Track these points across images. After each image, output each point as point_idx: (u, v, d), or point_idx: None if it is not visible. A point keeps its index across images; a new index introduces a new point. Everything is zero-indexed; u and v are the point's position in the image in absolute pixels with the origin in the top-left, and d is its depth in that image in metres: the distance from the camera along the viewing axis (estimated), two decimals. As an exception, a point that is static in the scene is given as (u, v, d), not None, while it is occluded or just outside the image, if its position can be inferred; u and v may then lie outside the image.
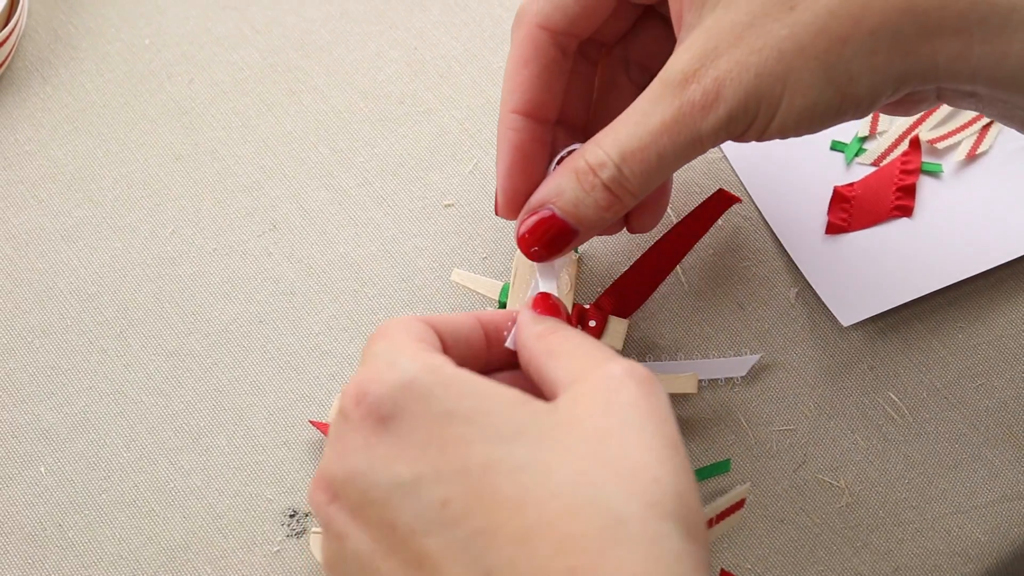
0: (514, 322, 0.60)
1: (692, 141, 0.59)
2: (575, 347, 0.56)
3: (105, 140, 0.73)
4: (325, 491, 0.53)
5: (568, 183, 0.61)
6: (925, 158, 0.72)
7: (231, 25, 0.77)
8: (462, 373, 0.54)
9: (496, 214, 0.65)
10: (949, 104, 0.61)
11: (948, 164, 0.72)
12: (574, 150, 0.63)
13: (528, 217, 0.62)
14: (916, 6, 0.57)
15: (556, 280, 0.64)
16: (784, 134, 0.60)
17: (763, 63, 0.58)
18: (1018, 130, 0.62)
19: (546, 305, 0.61)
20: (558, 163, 0.64)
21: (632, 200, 0.61)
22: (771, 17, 0.58)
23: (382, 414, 0.52)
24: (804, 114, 0.59)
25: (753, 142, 0.61)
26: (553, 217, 0.61)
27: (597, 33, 0.67)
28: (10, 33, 0.74)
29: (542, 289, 0.64)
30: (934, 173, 0.72)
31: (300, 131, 0.74)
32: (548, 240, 0.62)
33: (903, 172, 0.72)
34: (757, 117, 0.59)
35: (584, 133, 0.68)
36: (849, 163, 0.72)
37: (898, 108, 0.62)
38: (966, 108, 0.61)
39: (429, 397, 0.53)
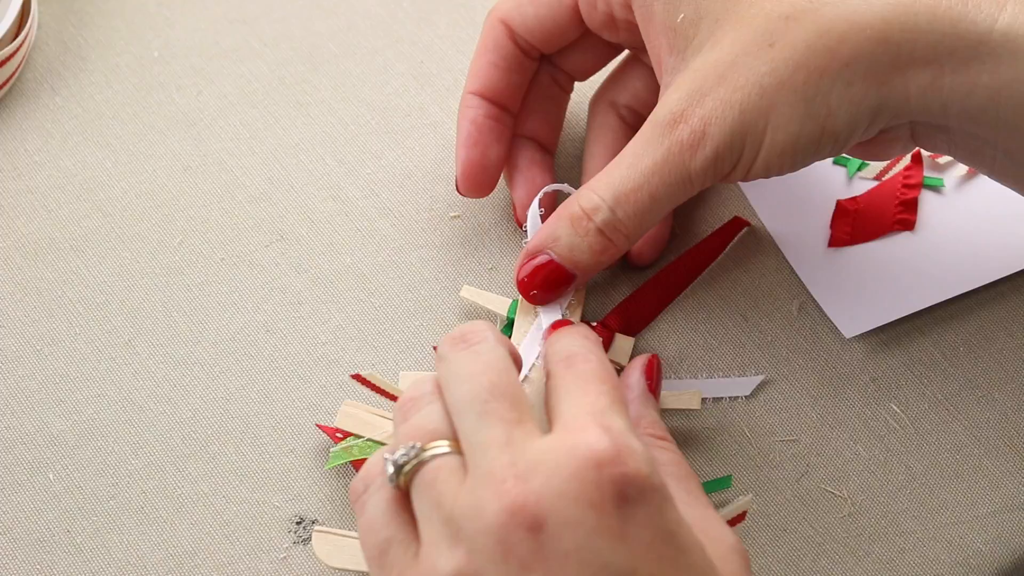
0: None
1: (682, 180, 0.61)
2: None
3: (114, 151, 0.74)
4: (523, 517, 0.50)
5: (563, 229, 0.63)
6: (927, 173, 0.73)
7: (239, 38, 0.78)
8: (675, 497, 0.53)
9: (457, 190, 0.69)
10: (922, 146, 0.63)
11: (950, 179, 0.73)
12: (559, 191, 0.68)
13: (526, 262, 0.64)
14: (889, 38, 0.59)
15: (560, 311, 0.65)
16: (768, 171, 0.61)
17: (746, 99, 0.60)
18: (987, 173, 0.63)
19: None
20: (540, 201, 0.66)
21: (626, 243, 0.63)
22: (752, 55, 0.60)
23: (628, 496, 0.50)
24: (787, 148, 0.60)
25: (741, 181, 0.62)
26: (551, 262, 0.64)
27: (566, 64, 0.70)
28: (20, 45, 0.74)
29: (543, 316, 0.65)
30: (936, 187, 0.72)
31: (308, 143, 0.75)
32: (546, 284, 0.64)
33: (905, 186, 0.72)
34: (743, 154, 0.61)
35: (552, 153, 0.72)
36: (852, 177, 0.73)
37: (871, 149, 0.63)
38: (938, 150, 0.63)
39: (664, 505, 0.51)
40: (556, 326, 0.64)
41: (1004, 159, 0.61)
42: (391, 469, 0.54)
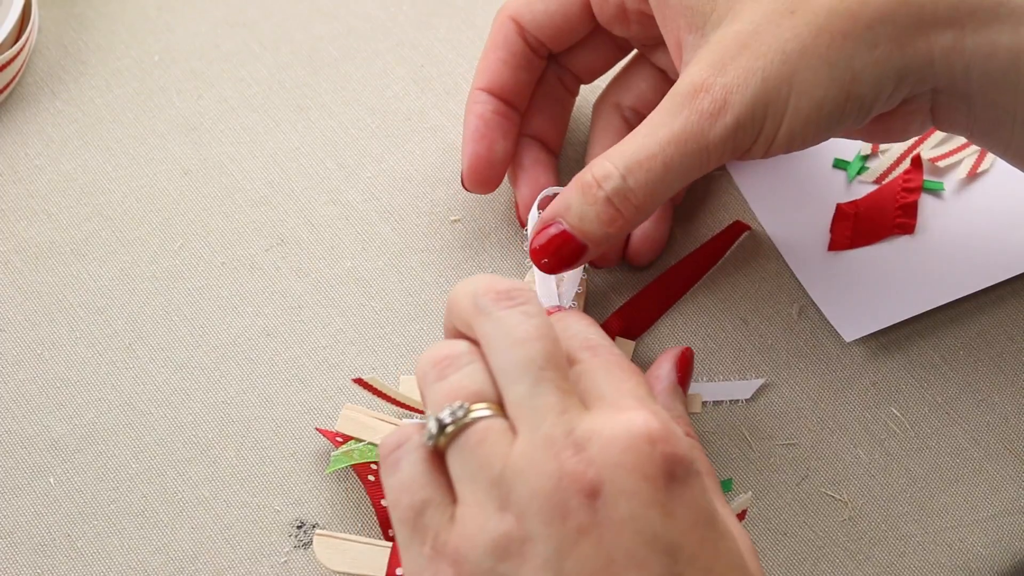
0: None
1: (699, 151, 0.60)
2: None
3: (114, 155, 0.74)
4: (582, 483, 0.50)
5: (574, 197, 0.62)
6: (927, 176, 0.73)
7: (240, 42, 0.78)
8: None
9: (463, 185, 0.69)
10: (940, 124, 0.62)
11: (949, 183, 0.73)
12: (560, 193, 0.66)
13: (541, 230, 0.63)
14: (910, 0, 0.58)
15: (558, 301, 0.65)
16: (791, 143, 0.60)
17: (768, 67, 0.59)
18: (1002, 154, 0.63)
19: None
20: (540, 203, 0.67)
21: (635, 214, 0.62)
22: (773, 23, 0.59)
23: (676, 474, 0.51)
24: (811, 116, 0.60)
25: (759, 158, 0.62)
26: (563, 232, 0.62)
27: (573, 64, 0.70)
28: (21, 49, 0.74)
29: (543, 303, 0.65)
30: (935, 191, 0.73)
31: (308, 146, 0.75)
32: (558, 253, 0.63)
33: (905, 190, 0.72)
34: (765, 124, 0.60)
35: (557, 154, 0.72)
36: (851, 181, 0.73)
37: (891, 123, 0.63)
38: (956, 127, 0.62)
39: (706, 490, 0.52)
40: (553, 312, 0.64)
41: (1023, 133, 0.61)
42: (434, 427, 0.53)
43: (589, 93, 0.74)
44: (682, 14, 0.62)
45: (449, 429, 0.53)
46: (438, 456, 0.53)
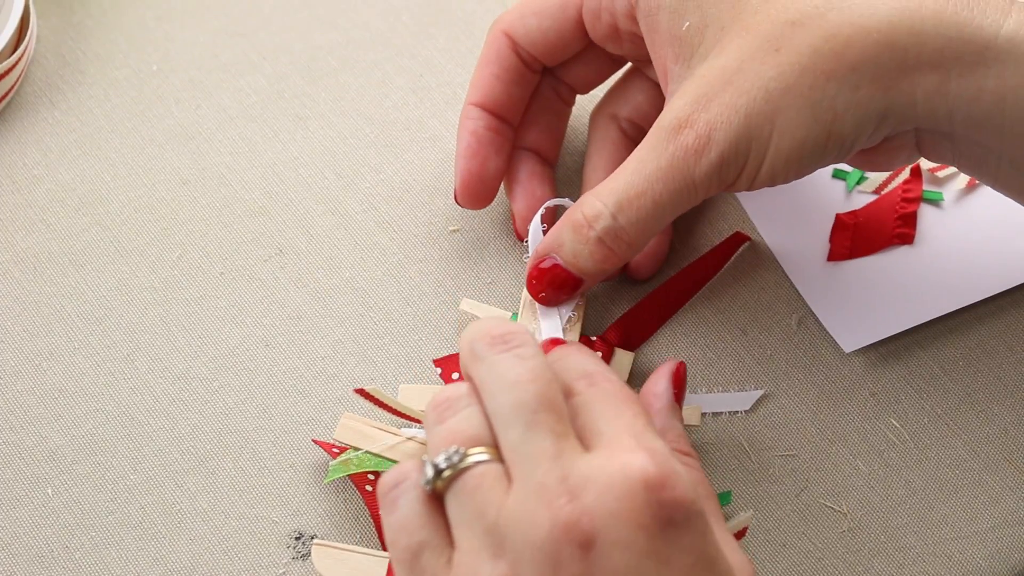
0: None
1: (686, 187, 0.61)
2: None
3: (113, 164, 0.74)
4: (575, 533, 0.50)
5: (567, 235, 0.64)
6: (926, 186, 0.73)
7: (238, 52, 0.78)
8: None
9: (456, 202, 0.69)
10: (926, 156, 0.63)
11: (949, 192, 0.73)
12: (561, 204, 0.69)
13: (536, 265, 0.64)
14: (895, 42, 0.59)
15: (558, 319, 0.65)
16: (774, 178, 0.61)
17: (752, 104, 0.60)
18: (991, 183, 0.63)
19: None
20: (543, 217, 0.67)
21: (628, 251, 0.63)
22: (758, 60, 0.60)
23: (674, 520, 0.51)
24: (793, 154, 0.60)
25: (744, 191, 0.62)
26: (556, 266, 0.64)
27: (568, 76, 0.71)
28: (19, 59, 0.74)
29: (543, 324, 0.65)
30: (935, 201, 0.72)
31: (306, 156, 0.75)
32: (554, 286, 0.65)
33: (904, 200, 0.72)
34: (748, 160, 0.60)
35: (553, 165, 0.72)
36: (851, 191, 0.73)
37: (876, 157, 0.63)
38: (942, 160, 0.62)
39: (706, 531, 0.52)
40: (553, 343, 0.64)
41: (1009, 168, 0.61)
42: (430, 472, 0.53)
43: (586, 101, 0.74)
44: (670, 43, 0.62)
45: (445, 474, 0.53)
46: (436, 497, 0.54)
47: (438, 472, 0.53)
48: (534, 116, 0.71)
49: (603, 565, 0.50)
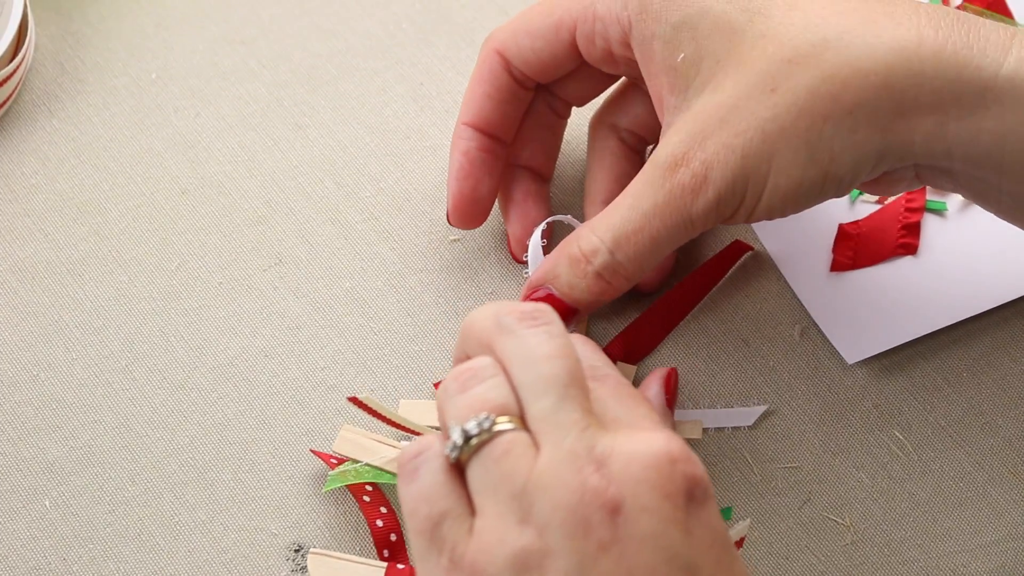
0: None
1: (683, 224, 0.61)
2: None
3: (111, 174, 0.74)
4: (604, 498, 0.51)
5: (563, 268, 0.63)
6: (930, 196, 0.72)
7: (238, 60, 0.77)
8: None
9: (448, 222, 0.69)
10: (926, 184, 0.62)
11: (952, 202, 0.72)
12: (559, 220, 0.68)
13: (530, 294, 0.64)
14: (893, 84, 0.58)
15: None
16: (771, 215, 0.61)
17: (748, 144, 0.59)
18: (993, 212, 0.63)
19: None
20: (543, 233, 0.67)
21: (625, 284, 0.63)
22: (754, 99, 0.59)
23: (695, 495, 0.52)
24: (789, 194, 0.60)
25: (742, 223, 0.62)
26: (551, 296, 0.64)
27: (563, 92, 0.70)
28: (17, 67, 0.74)
29: None
30: (939, 211, 0.72)
31: (306, 165, 0.74)
32: None
33: (908, 210, 0.72)
34: (745, 198, 0.61)
35: (548, 181, 0.72)
36: (854, 201, 0.73)
37: (876, 187, 0.63)
38: (943, 188, 0.62)
39: (718, 513, 0.53)
40: None
41: (1010, 201, 0.61)
42: (460, 438, 0.53)
43: (585, 110, 0.73)
44: (665, 73, 0.62)
45: (474, 440, 0.53)
46: (457, 467, 0.54)
47: (467, 438, 0.53)
48: (528, 132, 0.70)
49: (630, 530, 0.50)
